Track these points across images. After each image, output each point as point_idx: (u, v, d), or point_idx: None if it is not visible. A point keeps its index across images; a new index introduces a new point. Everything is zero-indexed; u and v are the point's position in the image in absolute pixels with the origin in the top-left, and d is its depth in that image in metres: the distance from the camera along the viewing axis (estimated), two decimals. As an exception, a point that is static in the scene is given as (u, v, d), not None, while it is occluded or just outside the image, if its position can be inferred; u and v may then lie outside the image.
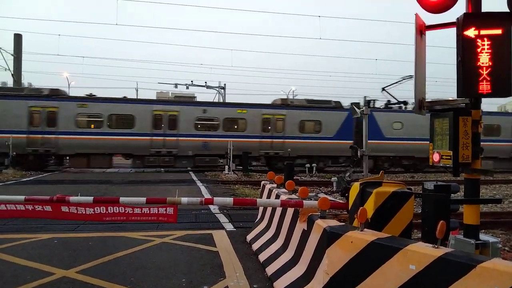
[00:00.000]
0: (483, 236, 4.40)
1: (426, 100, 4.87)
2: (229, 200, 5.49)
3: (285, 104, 25.76)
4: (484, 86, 4.26)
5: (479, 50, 4.29)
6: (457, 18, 4.39)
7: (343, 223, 4.22)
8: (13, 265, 5.39)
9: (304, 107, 25.50)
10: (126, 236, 7.06)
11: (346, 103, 26.88)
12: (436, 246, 2.91)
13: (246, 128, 24.58)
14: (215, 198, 5.45)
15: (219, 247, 6.44)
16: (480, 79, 4.26)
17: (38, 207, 5.04)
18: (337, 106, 26.15)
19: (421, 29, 4.88)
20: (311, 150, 24.79)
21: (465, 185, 4.48)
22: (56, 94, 22.78)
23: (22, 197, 5.01)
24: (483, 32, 4.29)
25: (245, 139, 24.10)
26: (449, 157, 4.30)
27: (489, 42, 4.27)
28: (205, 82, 41.15)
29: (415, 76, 4.80)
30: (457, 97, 4.49)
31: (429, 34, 4.96)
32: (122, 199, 5.05)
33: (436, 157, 4.49)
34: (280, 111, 25.06)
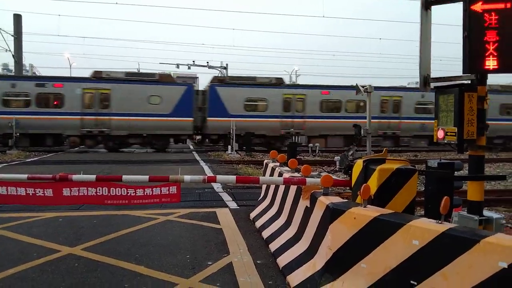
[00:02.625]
0: (486, 212, 4.40)
1: (431, 77, 4.81)
2: (232, 178, 5.50)
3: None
4: (491, 62, 4.19)
5: (486, 25, 4.20)
6: (465, -8, 4.28)
7: (346, 200, 4.23)
8: (20, 242, 5.46)
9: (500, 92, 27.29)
10: (130, 214, 7.12)
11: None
12: (439, 221, 2.91)
13: None
14: (218, 176, 5.47)
15: (223, 225, 6.50)
16: (486, 54, 4.19)
17: (39, 192, 5.02)
18: None
19: (427, 4, 4.79)
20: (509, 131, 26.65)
21: (470, 162, 4.46)
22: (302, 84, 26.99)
23: (25, 176, 5.03)
24: (490, 6, 4.19)
25: None
26: (454, 134, 4.27)
27: (496, 17, 4.18)
28: (207, 62, 40.82)
29: (420, 52, 4.73)
30: (463, 73, 4.43)
31: (435, 12, 4.88)
32: (124, 177, 5.05)
33: (440, 133, 4.46)
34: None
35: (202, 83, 42.03)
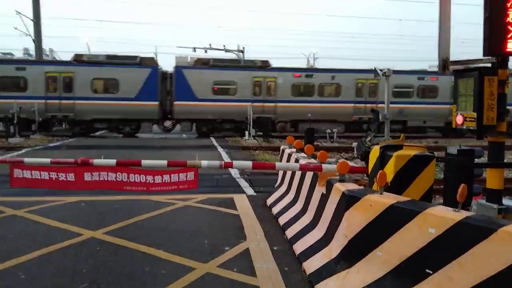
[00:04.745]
0: (506, 201, 4.33)
1: (450, 60, 4.70)
2: (248, 163, 5.54)
3: None
4: (513, 44, 4.06)
5: (508, 4, 4.06)
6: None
7: (362, 187, 4.21)
8: (44, 226, 5.65)
9: None
10: (150, 199, 7.25)
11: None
12: (457, 210, 2.88)
13: None
14: (234, 162, 5.52)
15: (240, 211, 6.57)
16: (508, 36, 4.06)
17: (62, 176, 5.16)
18: None
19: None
20: None
21: (489, 148, 4.37)
22: None
23: (48, 160, 5.18)
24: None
25: None
26: (473, 119, 4.18)
27: (520, -3, 4.03)
28: (224, 46, 40.54)
29: (439, 34, 4.62)
30: (483, 56, 4.30)
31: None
32: (144, 161, 5.14)
33: (459, 119, 4.37)
34: None
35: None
